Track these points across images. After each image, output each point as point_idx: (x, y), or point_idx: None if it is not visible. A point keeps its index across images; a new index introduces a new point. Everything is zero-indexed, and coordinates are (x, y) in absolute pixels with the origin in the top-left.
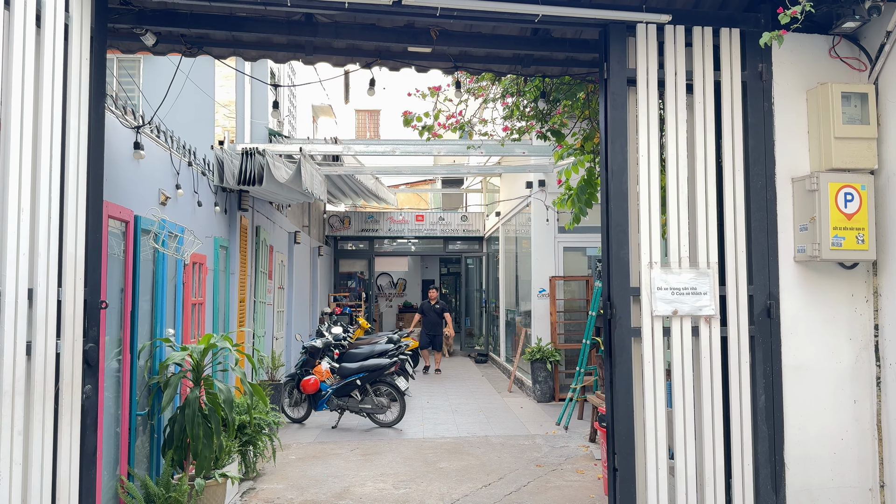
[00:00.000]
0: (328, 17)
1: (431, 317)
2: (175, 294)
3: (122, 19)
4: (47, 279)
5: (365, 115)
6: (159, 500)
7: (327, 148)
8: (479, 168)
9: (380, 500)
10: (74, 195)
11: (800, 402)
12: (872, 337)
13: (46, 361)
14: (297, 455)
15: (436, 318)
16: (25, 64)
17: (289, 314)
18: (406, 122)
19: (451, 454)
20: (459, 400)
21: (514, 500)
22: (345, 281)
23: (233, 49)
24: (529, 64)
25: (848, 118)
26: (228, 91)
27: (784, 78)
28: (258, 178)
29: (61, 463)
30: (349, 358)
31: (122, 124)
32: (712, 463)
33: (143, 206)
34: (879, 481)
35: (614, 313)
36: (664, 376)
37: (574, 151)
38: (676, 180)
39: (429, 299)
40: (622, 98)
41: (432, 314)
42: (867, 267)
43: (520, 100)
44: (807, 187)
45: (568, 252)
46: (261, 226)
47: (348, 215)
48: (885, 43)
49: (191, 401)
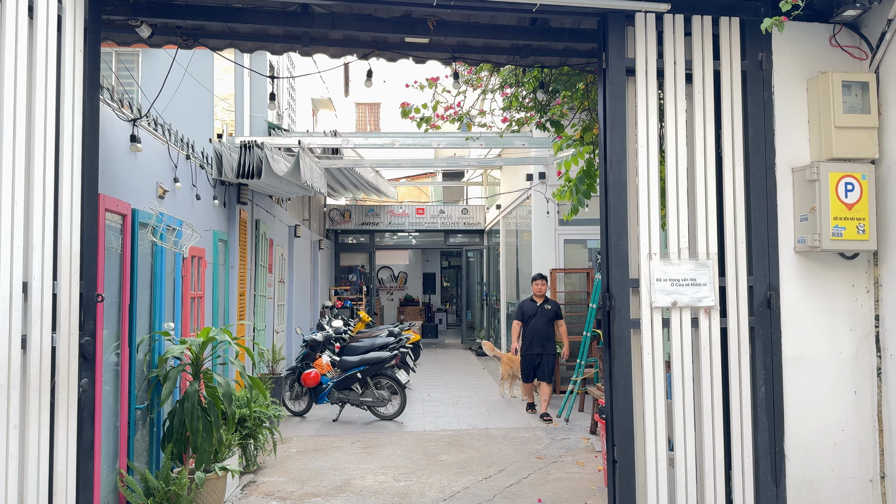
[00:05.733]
0: (324, 7)
1: (539, 324)
2: (174, 288)
3: (116, 11)
4: (42, 272)
5: (365, 109)
6: (159, 493)
7: (326, 141)
8: (479, 161)
9: (380, 493)
10: (69, 188)
11: (800, 393)
12: (873, 327)
13: (42, 355)
14: (297, 448)
15: (545, 327)
16: (18, 56)
17: (289, 308)
18: (404, 114)
19: (452, 446)
20: (460, 392)
21: (514, 492)
22: (346, 274)
23: (229, 41)
24: (528, 54)
25: (848, 107)
26: (227, 84)
27: (784, 67)
28: (257, 171)
29: (58, 457)
30: (350, 351)
31: (119, 117)
32: (712, 454)
33: (140, 199)
34: (880, 472)
35: (613, 305)
36: (664, 368)
37: (573, 142)
38: (676, 171)
39: (532, 297)
40: (621, 88)
41: (540, 321)
42: (868, 257)
43: (519, 91)
44: (807, 177)
45: (568, 244)
46: (260, 219)
47: (349, 209)
48: (885, 31)
49: (190, 394)
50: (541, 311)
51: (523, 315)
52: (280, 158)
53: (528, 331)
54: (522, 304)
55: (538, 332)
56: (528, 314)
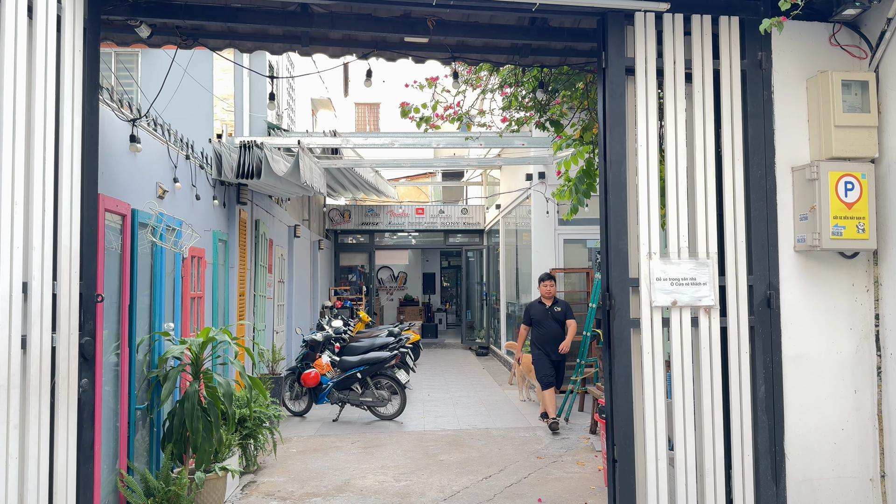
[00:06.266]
0: (324, 7)
1: (550, 330)
2: (174, 288)
3: (116, 11)
4: (42, 273)
5: (365, 109)
6: (159, 493)
7: (326, 141)
8: (478, 160)
9: (380, 493)
10: (69, 188)
11: (800, 392)
12: (873, 327)
13: (42, 355)
14: (298, 448)
15: (557, 330)
16: (17, 56)
17: (289, 308)
18: (403, 114)
19: (452, 446)
20: (460, 392)
21: (514, 492)
22: (345, 274)
23: (228, 41)
24: (527, 54)
25: (848, 106)
26: (227, 84)
27: (784, 66)
28: (256, 171)
29: (58, 457)
30: (350, 351)
31: (119, 117)
32: (712, 454)
33: (140, 199)
34: (880, 471)
35: (613, 304)
36: (664, 367)
37: (573, 142)
38: (675, 170)
39: (540, 299)
40: (621, 88)
41: (551, 326)
42: (868, 256)
43: (518, 90)
44: (807, 176)
45: (568, 244)
46: (260, 219)
47: (348, 209)
48: (885, 30)
49: (190, 394)
50: (550, 314)
51: (531, 319)
52: (280, 158)
53: (539, 337)
54: (529, 306)
55: (555, 339)
56: (535, 318)
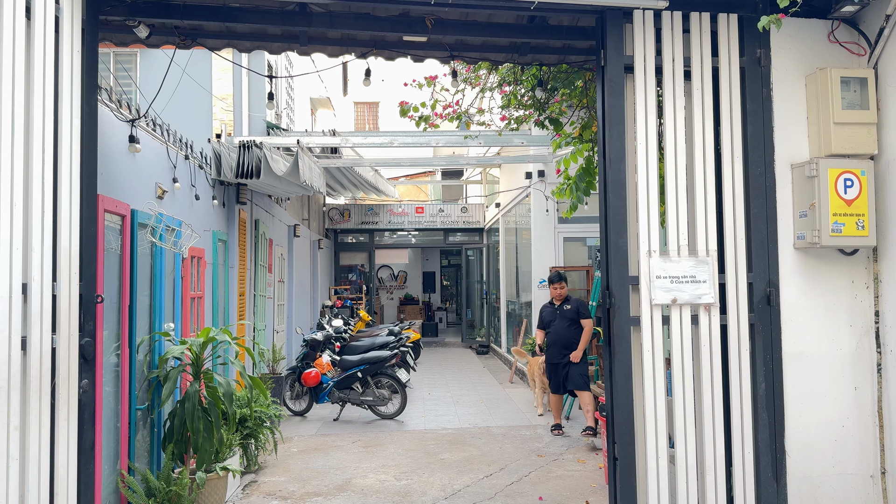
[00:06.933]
0: (322, 6)
1: (560, 329)
2: (174, 288)
3: (114, 11)
4: (41, 274)
5: (364, 108)
6: (160, 493)
7: (325, 140)
8: (478, 159)
9: (381, 492)
10: (68, 189)
11: (800, 389)
12: (873, 323)
13: (42, 356)
14: (298, 448)
15: (567, 331)
16: (16, 57)
17: (289, 307)
18: (402, 113)
19: (453, 445)
20: (461, 391)
21: (515, 490)
22: (345, 274)
23: (227, 41)
24: (526, 52)
25: (847, 103)
26: (226, 84)
27: (783, 63)
28: (256, 171)
29: (59, 458)
30: (350, 350)
31: (117, 118)
32: (713, 451)
33: (139, 200)
34: (880, 468)
35: (613, 302)
36: (664, 365)
37: (572, 140)
38: (675, 168)
39: (551, 301)
40: (619, 86)
41: (560, 325)
42: (867, 253)
43: (517, 88)
44: (806, 173)
45: (568, 242)
46: (260, 219)
47: (348, 208)
48: (884, 27)
49: (190, 394)
50: (560, 314)
51: (543, 322)
52: (279, 158)
53: (550, 337)
54: (542, 309)
55: (560, 338)
56: (546, 319)
